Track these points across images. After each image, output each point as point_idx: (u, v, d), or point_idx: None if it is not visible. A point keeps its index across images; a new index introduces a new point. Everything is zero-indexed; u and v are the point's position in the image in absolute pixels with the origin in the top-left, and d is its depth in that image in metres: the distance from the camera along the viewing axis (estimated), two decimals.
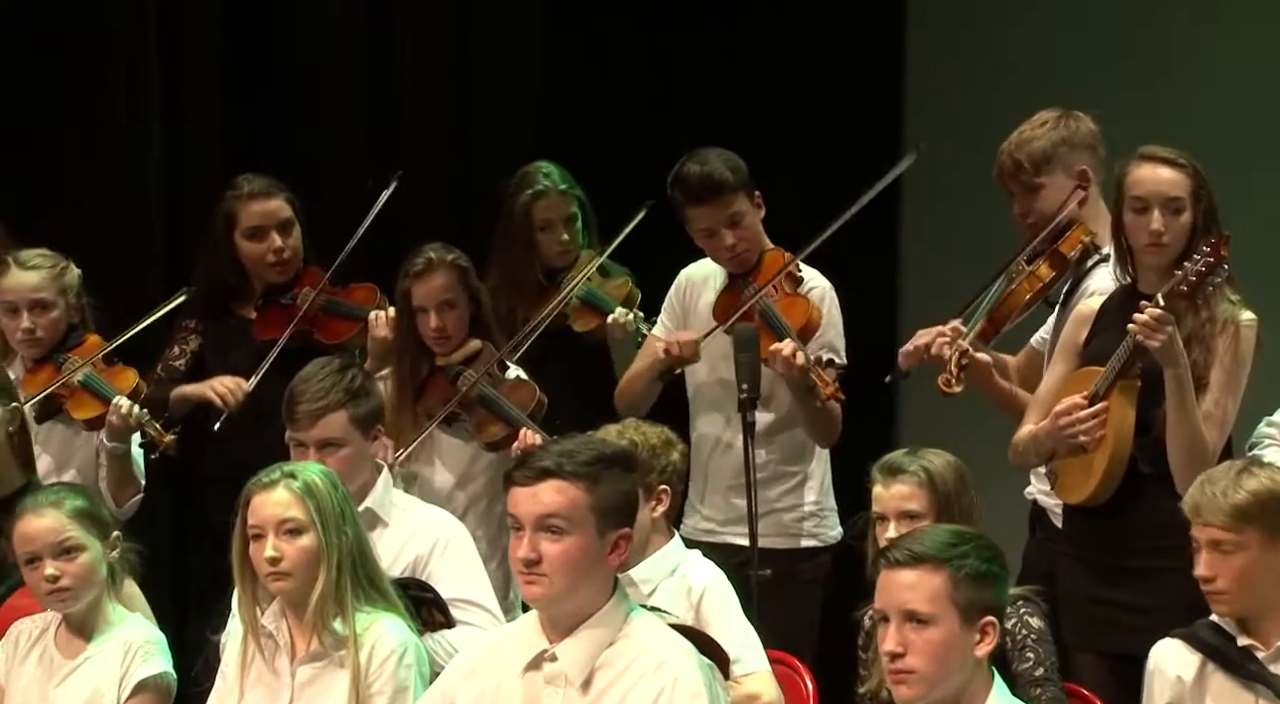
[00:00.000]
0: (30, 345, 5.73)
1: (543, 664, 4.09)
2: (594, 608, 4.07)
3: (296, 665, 4.48)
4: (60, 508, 4.70)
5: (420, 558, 4.98)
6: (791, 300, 5.57)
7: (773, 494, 5.60)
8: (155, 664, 4.68)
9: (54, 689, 4.68)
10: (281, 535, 4.44)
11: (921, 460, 4.68)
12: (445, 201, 6.97)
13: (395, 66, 7.09)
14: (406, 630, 4.48)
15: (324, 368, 5.08)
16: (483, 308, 5.70)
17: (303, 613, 4.46)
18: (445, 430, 5.69)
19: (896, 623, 3.83)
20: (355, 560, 4.47)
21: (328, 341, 5.88)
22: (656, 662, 4.04)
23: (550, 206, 5.99)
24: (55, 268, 5.73)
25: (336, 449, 4.98)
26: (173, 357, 5.96)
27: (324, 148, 6.98)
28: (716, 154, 5.58)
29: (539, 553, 4.02)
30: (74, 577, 4.68)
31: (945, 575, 3.81)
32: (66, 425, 5.72)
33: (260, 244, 5.92)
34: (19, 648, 4.74)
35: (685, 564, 4.89)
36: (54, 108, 6.77)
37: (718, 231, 5.59)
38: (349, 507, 4.52)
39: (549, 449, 4.13)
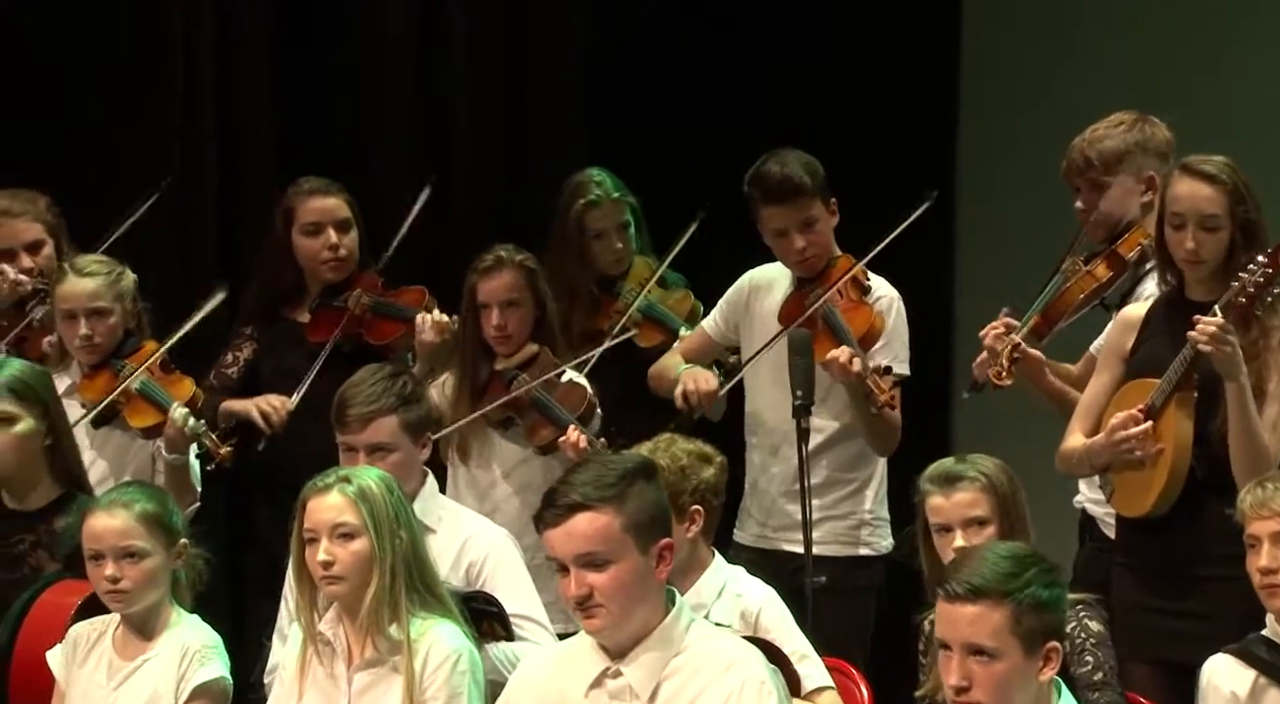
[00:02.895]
0: (88, 352, 5.75)
1: (606, 681, 4.10)
2: (653, 624, 4.09)
3: (353, 671, 4.50)
4: (130, 510, 4.72)
5: (474, 564, 5.01)
6: (856, 307, 5.59)
7: (828, 501, 5.60)
8: (213, 668, 4.69)
9: (113, 692, 4.70)
10: (335, 539, 4.46)
11: (976, 466, 4.67)
12: (496, 207, 6.98)
13: (446, 72, 7.11)
14: (461, 636, 4.50)
15: (375, 373, 5.11)
16: (547, 313, 5.74)
17: (357, 617, 4.48)
18: (501, 434, 5.73)
19: (960, 656, 3.81)
20: (410, 565, 4.49)
21: (376, 342, 5.93)
22: (725, 663, 4.06)
23: (603, 215, 6.03)
24: (111, 274, 5.76)
25: (386, 454, 5.01)
26: (226, 364, 6.02)
27: (375, 154, 7.00)
28: (796, 156, 5.60)
29: (589, 587, 4.03)
30: (133, 580, 4.70)
31: (1008, 610, 3.77)
32: (123, 431, 5.75)
33: (316, 240, 5.98)
34: (78, 651, 4.76)
35: (732, 582, 4.90)
36: (109, 112, 6.84)
37: (789, 233, 5.60)
38: (404, 512, 4.54)
39: (570, 481, 4.12)
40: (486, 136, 7.11)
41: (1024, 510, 4.67)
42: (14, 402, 5.13)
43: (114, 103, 6.84)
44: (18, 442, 5.12)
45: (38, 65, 6.76)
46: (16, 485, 5.16)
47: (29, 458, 5.15)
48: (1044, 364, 5.31)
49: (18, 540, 5.12)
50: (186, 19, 6.86)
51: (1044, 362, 5.31)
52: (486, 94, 7.12)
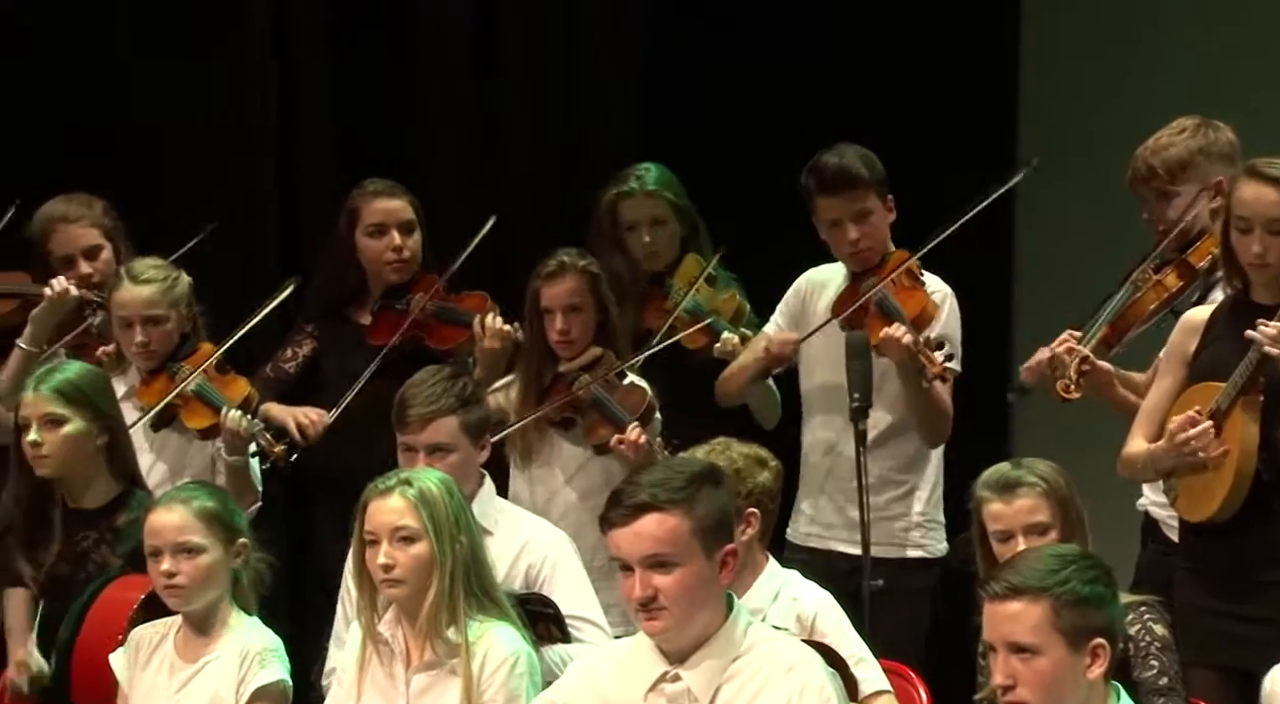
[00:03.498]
0: (144, 358, 5.78)
1: (663, 685, 4.10)
2: (713, 628, 4.10)
3: (411, 673, 4.52)
4: (188, 506, 4.75)
5: (533, 566, 5.02)
6: (910, 291, 5.61)
7: (880, 501, 5.60)
8: (273, 671, 4.71)
9: (175, 694, 4.73)
10: (395, 542, 4.49)
11: (1035, 470, 4.66)
12: (553, 211, 6.99)
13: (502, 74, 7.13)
14: (519, 639, 4.51)
15: (436, 374, 5.13)
16: (610, 317, 5.76)
17: (416, 620, 4.50)
18: (563, 435, 5.74)
19: (1003, 655, 3.81)
20: (469, 569, 4.51)
21: (437, 347, 5.96)
22: (785, 666, 4.07)
23: (635, 207, 6.03)
24: (166, 280, 5.78)
25: (445, 455, 5.02)
26: (284, 357, 6.06)
27: (432, 155, 7.02)
28: (855, 149, 5.63)
29: (653, 588, 4.04)
30: (189, 576, 4.73)
31: (1047, 605, 3.77)
32: (181, 433, 5.78)
33: (380, 241, 6.00)
34: (140, 653, 4.79)
35: (787, 586, 4.91)
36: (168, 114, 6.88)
37: (843, 224, 5.62)
38: (464, 515, 4.56)
39: (638, 482, 4.13)
40: (544, 140, 7.12)
41: (1082, 513, 4.66)
42: (63, 404, 5.17)
43: (172, 104, 6.89)
44: (67, 442, 5.16)
45: (96, 66, 6.81)
46: (73, 485, 5.21)
47: (82, 458, 5.19)
48: (1112, 376, 5.29)
49: (81, 538, 5.17)
50: (245, 20, 6.89)
51: (1113, 373, 5.29)
52: (543, 96, 7.14)
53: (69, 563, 5.15)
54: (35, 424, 5.15)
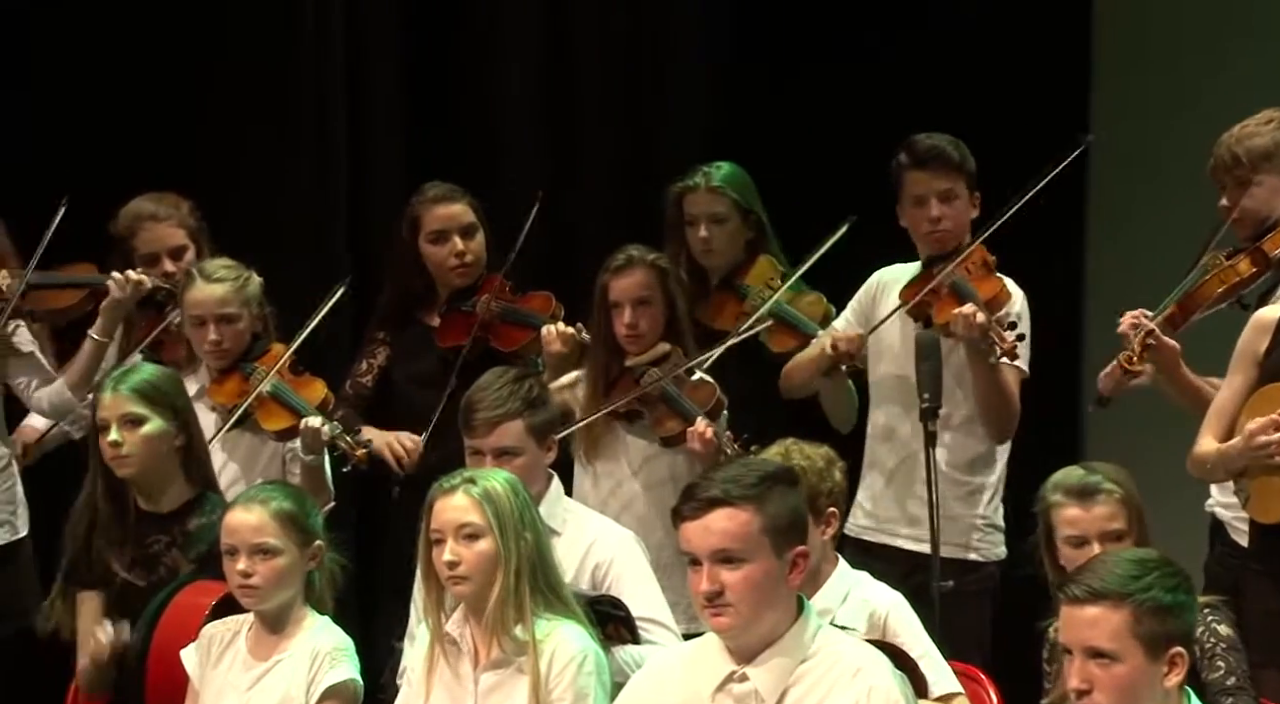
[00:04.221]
0: (217, 357, 5.83)
1: (731, 686, 4.12)
2: (781, 629, 4.11)
3: (479, 672, 4.55)
4: (266, 507, 4.79)
5: (600, 566, 5.05)
6: (984, 277, 5.61)
7: (942, 500, 5.57)
8: (343, 670, 4.75)
9: (246, 692, 4.77)
10: (460, 540, 4.52)
11: (1110, 476, 4.65)
12: (622, 209, 7.01)
13: (574, 76, 7.15)
14: (587, 638, 4.54)
15: (501, 377, 5.16)
16: (678, 312, 5.77)
17: (483, 618, 4.53)
18: (628, 428, 5.77)
19: (1080, 659, 3.81)
20: (535, 567, 4.54)
21: (503, 349, 5.98)
22: (852, 669, 4.08)
23: (696, 202, 6.03)
24: (239, 279, 5.83)
25: (512, 458, 5.06)
26: (360, 372, 6.10)
27: (502, 155, 7.05)
28: (950, 137, 5.68)
29: (720, 584, 4.05)
30: (264, 577, 4.77)
31: (1127, 611, 3.77)
32: (254, 434, 5.82)
33: (443, 247, 6.04)
34: (212, 651, 4.84)
35: (858, 587, 4.93)
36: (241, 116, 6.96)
37: (928, 201, 5.64)
38: (530, 512, 4.59)
39: (712, 477, 4.16)
40: (613, 137, 7.13)
41: (1145, 517, 4.65)
42: (143, 404, 5.21)
43: (245, 107, 6.95)
44: (147, 442, 5.20)
45: (169, 68, 6.88)
46: (150, 486, 5.25)
47: (160, 459, 5.23)
48: (1178, 353, 5.27)
49: (153, 541, 5.21)
50: (318, 22, 6.94)
51: (1178, 352, 5.27)
52: (612, 95, 7.15)
53: (140, 566, 5.19)
54: (115, 424, 5.17)
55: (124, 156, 6.69)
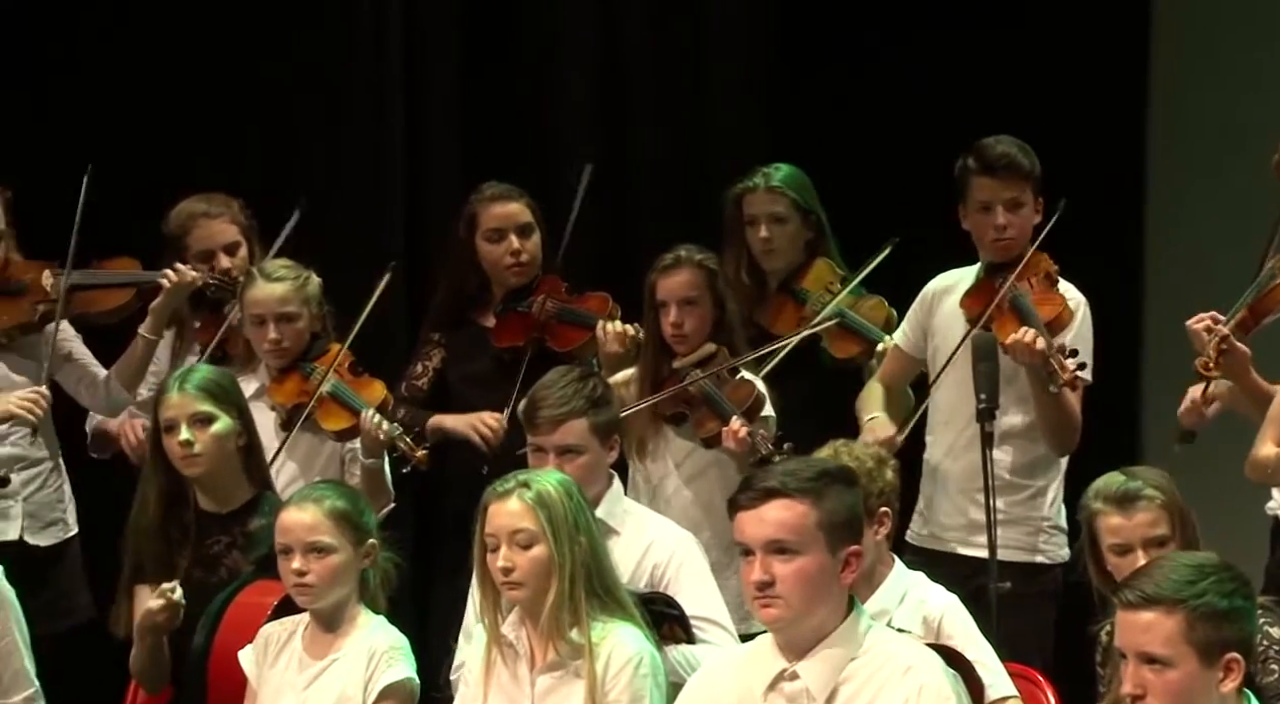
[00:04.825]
0: (277, 356, 5.86)
1: (782, 684, 4.13)
2: (831, 627, 4.11)
3: (535, 674, 4.57)
4: (320, 505, 4.81)
5: (659, 566, 5.07)
6: (1046, 295, 5.59)
7: (1002, 504, 5.57)
8: (399, 669, 4.76)
9: (302, 691, 4.80)
10: (514, 546, 4.54)
11: (1151, 481, 4.64)
12: (678, 209, 7.01)
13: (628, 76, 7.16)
14: (643, 640, 4.55)
15: (565, 375, 5.19)
16: (726, 313, 5.78)
17: (538, 622, 4.55)
18: (675, 430, 5.78)
19: (1134, 664, 3.80)
20: (590, 570, 4.55)
21: (560, 349, 6.00)
22: (903, 667, 4.08)
23: (756, 201, 6.04)
24: (298, 279, 5.86)
25: (575, 456, 5.08)
26: (415, 375, 6.13)
27: (558, 155, 7.05)
28: (1019, 142, 5.64)
29: (772, 575, 4.06)
30: (318, 576, 4.79)
31: (1181, 617, 3.75)
32: (313, 434, 5.85)
33: (499, 246, 6.07)
34: (269, 650, 4.87)
35: (914, 589, 4.93)
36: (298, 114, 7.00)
37: (994, 208, 5.61)
38: (584, 515, 4.60)
39: (771, 470, 4.18)
40: (669, 137, 7.13)
41: (1193, 519, 4.64)
42: (211, 402, 5.24)
43: (303, 105, 6.99)
44: (216, 441, 5.23)
45: (226, 67, 6.93)
46: (214, 486, 5.27)
47: (226, 458, 5.25)
48: (1248, 359, 5.24)
49: (214, 542, 5.24)
50: (375, 22, 6.97)
51: (1249, 357, 5.24)
52: (668, 95, 7.14)
53: (200, 567, 5.22)
54: (184, 423, 5.19)
55: (180, 156, 6.75)
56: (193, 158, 6.74)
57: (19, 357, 5.93)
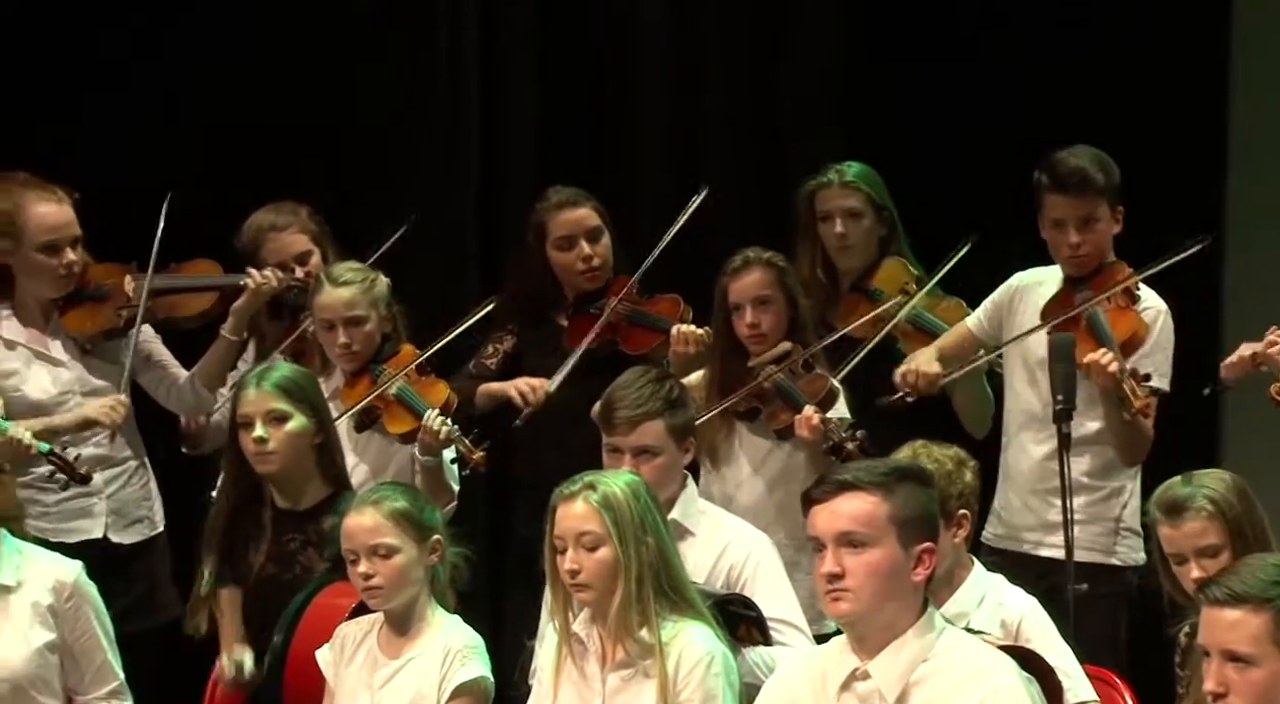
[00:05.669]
0: (348, 359, 5.90)
1: (854, 684, 4.14)
2: (903, 625, 4.12)
3: (607, 673, 4.59)
4: (380, 508, 4.86)
5: (734, 568, 5.08)
6: (1122, 313, 5.57)
7: (1077, 505, 5.51)
8: (474, 668, 4.80)
9: (378, 690, 4.83)
10: (580, 548, 4.56)
11: (1202, 490, 4.63)
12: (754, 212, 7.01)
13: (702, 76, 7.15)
14: (714, 638, 4.57)
15: (643, 376, 5.22)
16: (799, 309, 5.80)
17: (607, 622, 4.57)
18: (750, 428, 5.80)
19: (1218, 662, 3.80)
20: (658, 570, 4.57)
21: (632, 352, 6.02)
22: (977, 670, 4.09)
23: (830, 198, 6.06)
24: (365, 281, 5.90)
25: (652, 457, 5.11)
26: (486, 355, 6.15)
27: (631, 157, 7.08)
28: (1095, 153, 5.61)
29: (842, 567, 4.08)
30: (386, 577, 4.83)
31: (1268, 616, 3.75)
32: (383, 435, 5.88)
33: (570, 253, 6.09)
34: (345, 650, 4.91)
35: (993, 591, 4.93)
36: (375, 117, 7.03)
37: (1067, 226, 5.59)
38: (652, 516, 4.61)
39: (846, 466, 4.22)
40: (741, 141, 7.13)
41: (1262, 524, 4.63)
42: (286, 400, 5.30)
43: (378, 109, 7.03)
44: (291, 439, 5.29)
45: (302, 72, 6.97)
46: (289, 484, 5.33)
47: (300, 456, 5.31)
48: None
49: (289, 539, 5.30)
50: (451, 26, 7.02)
51: None
52: (741, 97, 7.13)
53: (276, 564, 5.28)
54: (260, 421, 5.26)
55: (258, 162, 6.78)
56: (270, 163, 6.77)
57: (101, 361, 5.99)
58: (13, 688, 4.93)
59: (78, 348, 5.95)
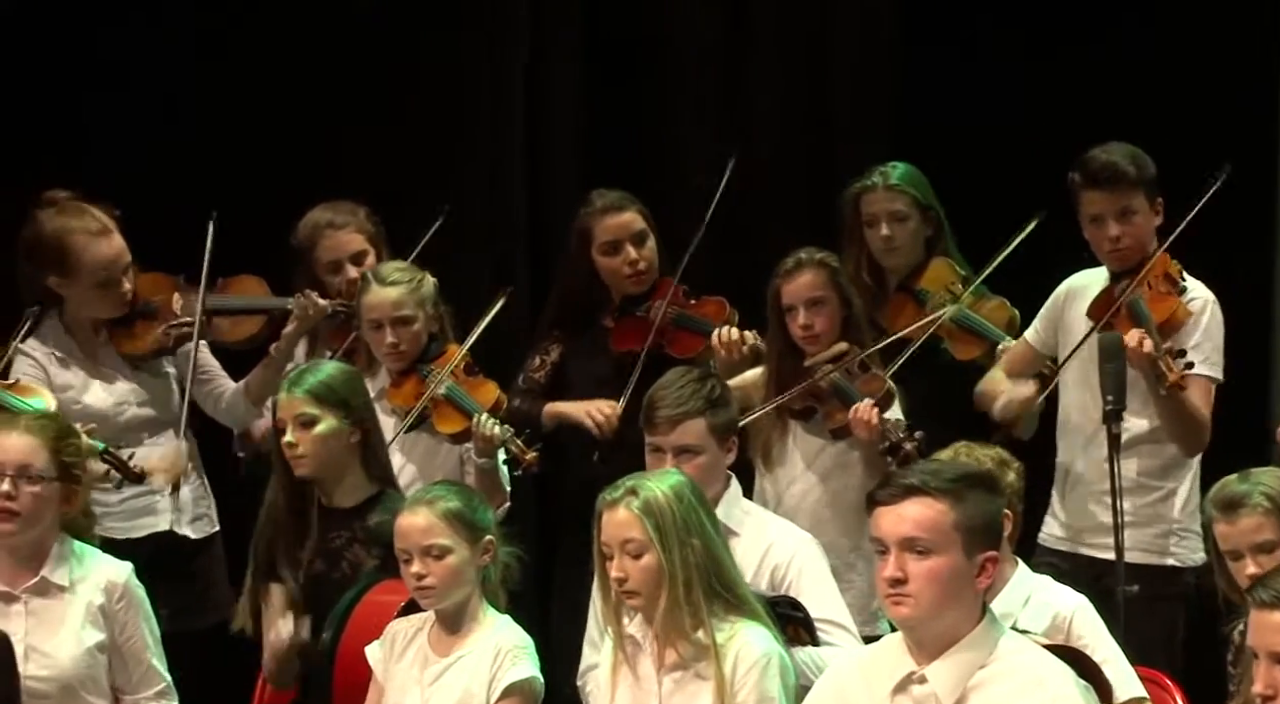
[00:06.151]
0: (395, 359, 5.92)
1: (910, 687, 4.12)
2: (963, 631, 4.10)
3: (662, 674, 4.59)
4: (433, 508, 4.88)
5: (779, 568, 5.08)
6: (1162, 298, 5.58)
7: (1135, 506, 5.56)
8: (524, 668, 4.82)
9: (428, 687, 4.85)
10: (625, 555, 4.58)
11: (1258, 487, 4.63)
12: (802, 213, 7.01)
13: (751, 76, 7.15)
14: (770, 639, 4.57)
15: (684, 376, 5.23)
16: (854, 310, 5.80)
17: (656, 625, 4.57)
18: (805, 427, 5.80)
19: (1266, 664, 3.80)
20: (706, 571, 4.57)
21: (679, 356, 6.02)
22: (1034, 679, 4.06)
23: (876, 201, 6.06)
24: (413, 281, 5.92)
25: (693, 456, 5.11)
26: (533, 368, 6.16)
27: (678, 158, 7.08)
28: (1127, 148, 5.63)
29: (905, 572, 4.06)
30: (439, 577, 4.85)
31: None
32: (431, 435, 5.90)
33: (616, 257, 6.10)
34: (395, 647, 4.93)
35: (1039, 591, 4.93)
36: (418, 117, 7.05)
37: (1105, 220, 5.60)
38: (696, 516, 4.61)
39: (913, 468, 4.19)
40: (790, 140, 7.12)
41: None
42: (315, 404, 5.31)
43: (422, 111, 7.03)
44: (319, 442, 5.31)
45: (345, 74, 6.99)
46: (331, 483, 5.36)
47: (335, 457, 5.33)
48: None
49: (335, 536, 5.32)
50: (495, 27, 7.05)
51: None
52: (791, 100, 7.13)
53: (323, 561, 5.31)
54: (290, 425, 5.31)
55: (304, 164, 6.80)
56: (315, 166, 6.81)
57: (150, 376, 6.03)
58: (62, 687, 4.96)
59: (127, 364, 5.99)
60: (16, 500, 4.92)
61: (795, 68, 7.11)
